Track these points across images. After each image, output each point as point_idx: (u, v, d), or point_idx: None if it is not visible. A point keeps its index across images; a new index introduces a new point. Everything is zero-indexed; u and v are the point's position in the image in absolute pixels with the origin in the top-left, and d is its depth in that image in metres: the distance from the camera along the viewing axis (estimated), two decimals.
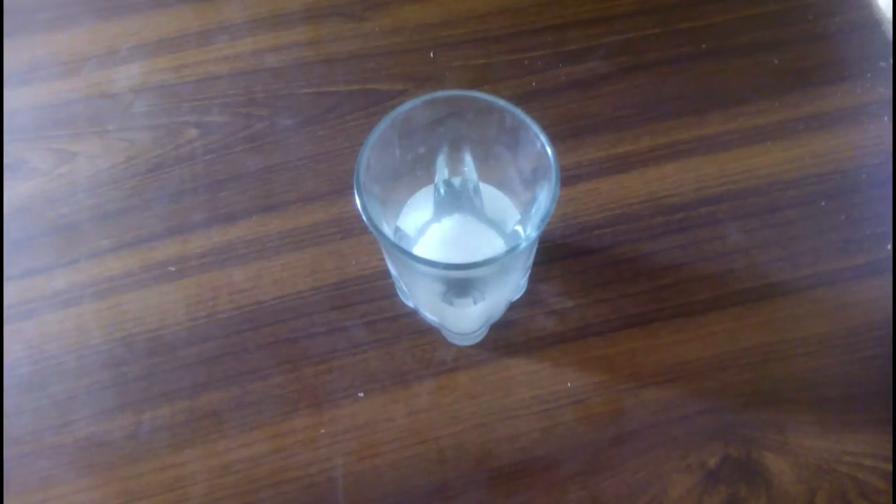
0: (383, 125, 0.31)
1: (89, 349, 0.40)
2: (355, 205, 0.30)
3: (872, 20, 0.49)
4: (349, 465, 0.38)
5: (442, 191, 0.37)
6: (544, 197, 0.31)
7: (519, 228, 0.36)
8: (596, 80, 0.47)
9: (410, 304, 0.40)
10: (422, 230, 0.36)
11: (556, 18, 0.49)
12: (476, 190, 0.37)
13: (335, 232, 0.43)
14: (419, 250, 0.36)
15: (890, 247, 0.42)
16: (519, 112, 0.31)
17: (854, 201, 0.43)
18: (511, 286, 0.38)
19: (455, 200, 0.37)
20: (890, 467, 0.37)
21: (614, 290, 0.41)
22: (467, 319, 0.37)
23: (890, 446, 0.37)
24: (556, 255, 0.42)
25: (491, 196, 0.37)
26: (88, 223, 0.44)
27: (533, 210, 0.34)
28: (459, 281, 0.34)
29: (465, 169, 0.36)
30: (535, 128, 0.31)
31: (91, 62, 0.49)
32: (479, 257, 0.29)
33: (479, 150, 0.35)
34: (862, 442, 0.37)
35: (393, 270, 0.38)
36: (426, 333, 0.40)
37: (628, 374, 0.39)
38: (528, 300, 0.41)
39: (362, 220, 0.30)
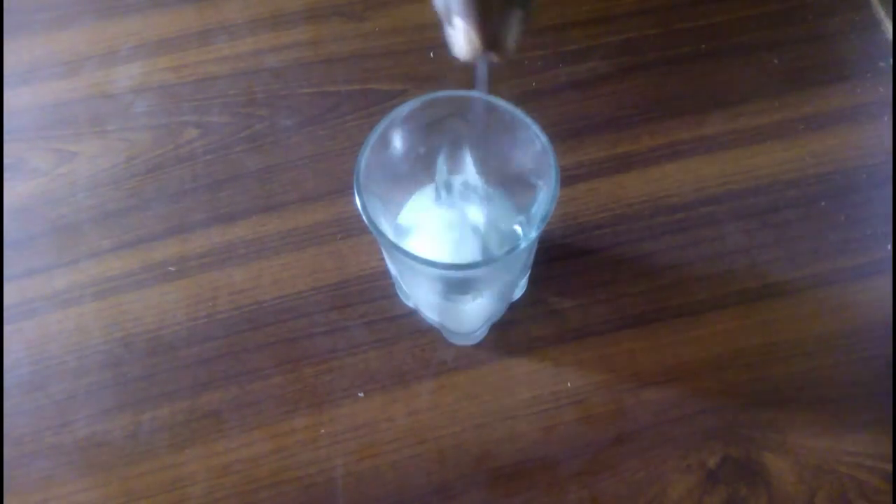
0: (383, 125, 0.31)
1: (89, 349, 0.41)
2: (355, 205, 0.30)
3: (872, 20, 0.49)
4: (349, 465, 0.38)
5: (442, 191, 0.37)
6: (544, 197, 0.31)
7: (519, 228, 0.36)
8: (596, 80, 0.47)
9: (410, 304, 0.40)
10: (422, 230, 0.36)
11: (556, 18, 0.49)
12: (476, 190, 0.37)
13: (335, 232, 0.43)
14: (419, 250, 0.36)
15: (890, 247, 0.42)
16: (519, 112, 0.31)
17: (854, 201, 0.43)
18: (511, 286, 0.38)
19: (455, 200, 0.37)
20: (890, 467, 0.37)
21: (614, 290, 0.41)
22: (467, 319, 0.37)
23: (890, 446, 0.37)
24: (556, 255, 0.42)
25: (491, 196, 0.37)
26: (88, 223, 0.44)
27: (533, 210, 0.34)
28: (459, 281, 0.34)
29: (466, 169, 0.36)
30: (535, 128, 0.31)
31: (91, 62, 0.49)
32: (478, 257, 0.29)
33: (479, 150, 0.35)
34: (862, 442, 0.37)
35: (393, 270, 0.38)
36: (426, 333, 0.40)
37: (628, 374, 0.39)
38: (528, 300, 0.41)
39: (362, 220, 0.30)
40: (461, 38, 0.25)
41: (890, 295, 0.40)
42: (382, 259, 0.42)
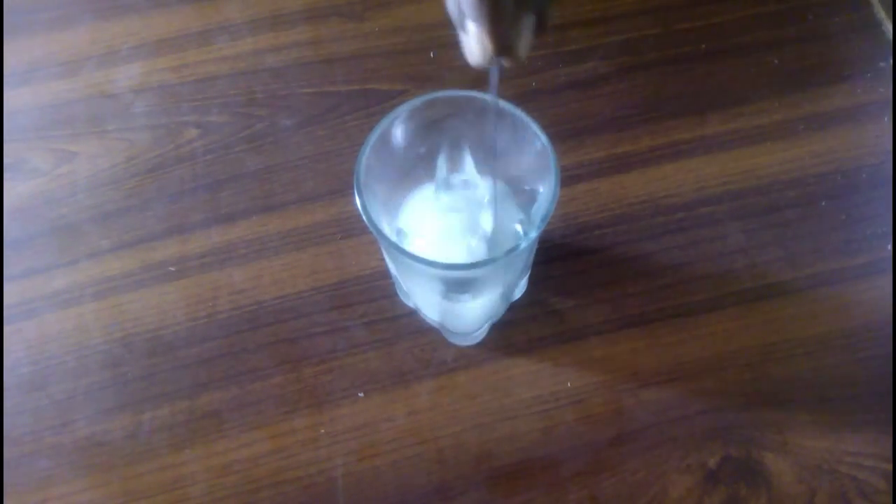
0: (383, 125, 0.31)
1: (89, 349, 0.41)
2: (355, 205, 0.30)
3: (872, 20, 0.49)
4: (349, 465, 0.38)
5: (442, 190, 0.37)
6: (544, 197, 0.31)
7: (519, 228, 0.36)
8: (596, 80, 0.47)
9: (410, 304, 0.40)
10: (422, 229, 0.36)
11: (556, 18, 0.49)
12: (476, 190, 0.37)
13: (335, 232, 0.43)
14: (419, 249, 0.36)
15: (890, 247, 0.42)
16: (519, 112, 0.31)
17: (854, 201, 0.43)
18: (511, 286, 0.38)
19: (455, 200, 0.37)
20: (890, 467, 0.37)
21: (614, 290, 0.41)
22: (467, 319, 0.37)
23: (890, 446, 0.37)
24: (556, 255, 0.42)
25: (491, 196, 0.37)
26: (88, 223, 0.44)
27: (533, 210, 0.34)
28: (459, 280, 0.34)
29: (465, 169, 0.36)
30: (535, 128, 0.31)
31: (91, 62, 0.49)
32: (478, 257, 0.29)
33: (479, 150, 0.35)
34: (862, 442, 0.37)
35: (393, 270, 0.38)
36: (426, 333, 0.40)
37: (628, 374, 0.39)
38: (528, 300, 0.41)
39: (362, 220, 0.30)
40: (474, 42, 0.25)
41: (890, 295, 0.40)
42: (382, 259, 0.42)
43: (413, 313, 0.41)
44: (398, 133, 0.32)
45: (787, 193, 0.43)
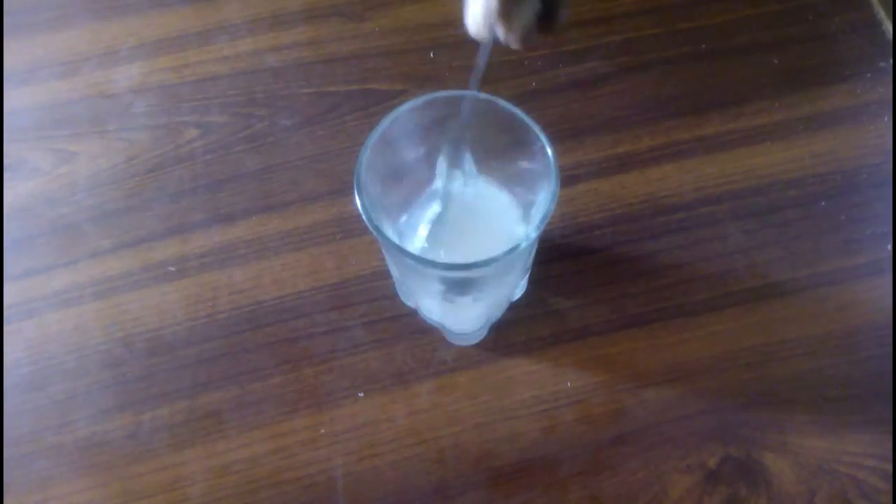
0: (383, 125, 0.31)
1: (89, 349, 0.40)
2: (355, 205, 0.30)
3: (872, 20, 0.49)
4: (349, 465, 0.38)
5: (442, 190, 0.37)
6: (544, 197, 0.31)
7: (519, 228, 0.36)
8: (596, 80, 0.47)
9: (410, 304, 0.40)
10: (422, 229, 0.36)
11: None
12: (476, 190, 0.37)
13: (335, 232, 0.43)
14: (419, 249, 0.36)
15: (890, 247, 0.42)
16: (519, 112, 0.31)
17: (854, 201, 0.43)
18: (511, 286, 0.38)
19: (455, 200, 0.37)
20: (890, 467, 0.37)
21: (614, 290, 0.41)
22: (468, 319, 0.37)
23: (890, 446, 0.37)
24: (556, 255, 0.42)
25: (491, 196, 0.37)
26: (88, 223, 0.44)
27: (533, 210, 0.34)
28: (459, 280, 0.34)
29: (465, 169, 0.36)
30: (535, 128, 0.31)
31: (91, 62, 0.49)
32: (479, 257, 0.29)
33: (479, 150, 0.35)
34: (862, 442, 0.37)
35: (393, 270, 0.38)
36: (426, 333, 0.40)
37: (628, 374, 0.39)
38: (528, 300, 0.41)
39: (362, 220, 0.30)
40: (479, 2, 0.25)
41: (890, 295, 0.40)
42: (382, 259, 0.42)
43: (413, 313, 0.41)
44: (398, 133, 0.32)
45: (787, 193, 0.43)
